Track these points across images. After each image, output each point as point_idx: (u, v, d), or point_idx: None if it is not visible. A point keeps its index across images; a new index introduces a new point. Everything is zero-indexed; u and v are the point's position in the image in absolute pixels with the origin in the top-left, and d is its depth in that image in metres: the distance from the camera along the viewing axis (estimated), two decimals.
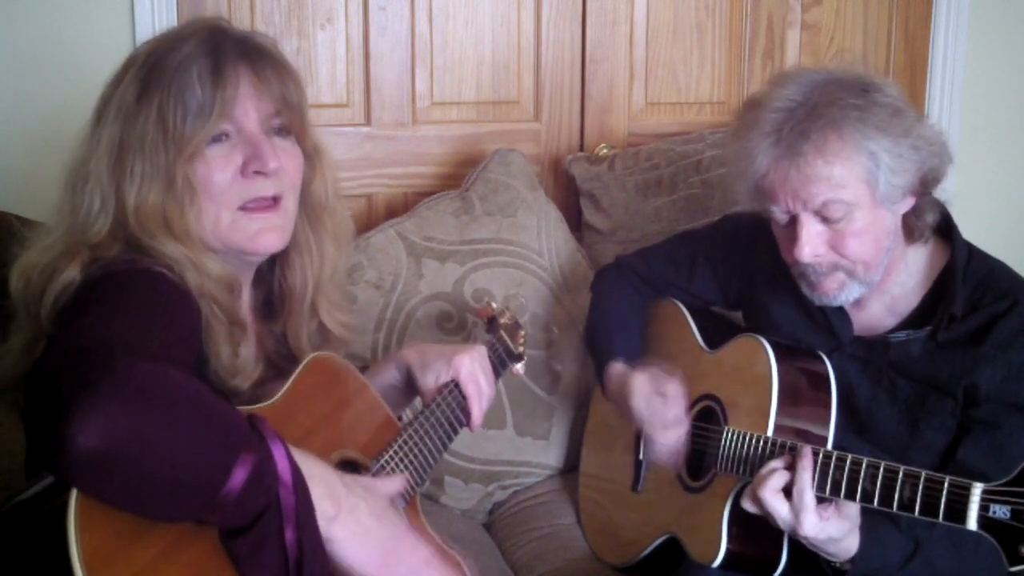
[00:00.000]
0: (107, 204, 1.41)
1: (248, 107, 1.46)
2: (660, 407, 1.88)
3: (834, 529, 1.60)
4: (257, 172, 1.45)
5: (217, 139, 1.44)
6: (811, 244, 1.70)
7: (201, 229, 1.44)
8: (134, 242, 1.41)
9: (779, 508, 1.60)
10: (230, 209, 1.46)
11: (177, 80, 1.41)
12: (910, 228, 1.77)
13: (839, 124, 1.66)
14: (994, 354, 1.71)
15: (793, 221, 1.72)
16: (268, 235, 1.49)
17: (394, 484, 1.46)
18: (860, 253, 1.71)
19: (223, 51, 1.45)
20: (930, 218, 1.76)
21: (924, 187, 1.73)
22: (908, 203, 1.74)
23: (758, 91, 1.82)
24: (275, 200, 1.49)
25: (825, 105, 1.67)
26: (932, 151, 1.70)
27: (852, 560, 1.64)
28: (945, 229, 1.81)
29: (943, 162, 1.73)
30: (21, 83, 2.38)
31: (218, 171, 1.44)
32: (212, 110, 1.42)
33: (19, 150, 2.37)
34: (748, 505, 1.66)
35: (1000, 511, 1.42)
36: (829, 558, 1.66)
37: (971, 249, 1.81)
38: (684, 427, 1.88)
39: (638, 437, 2.04)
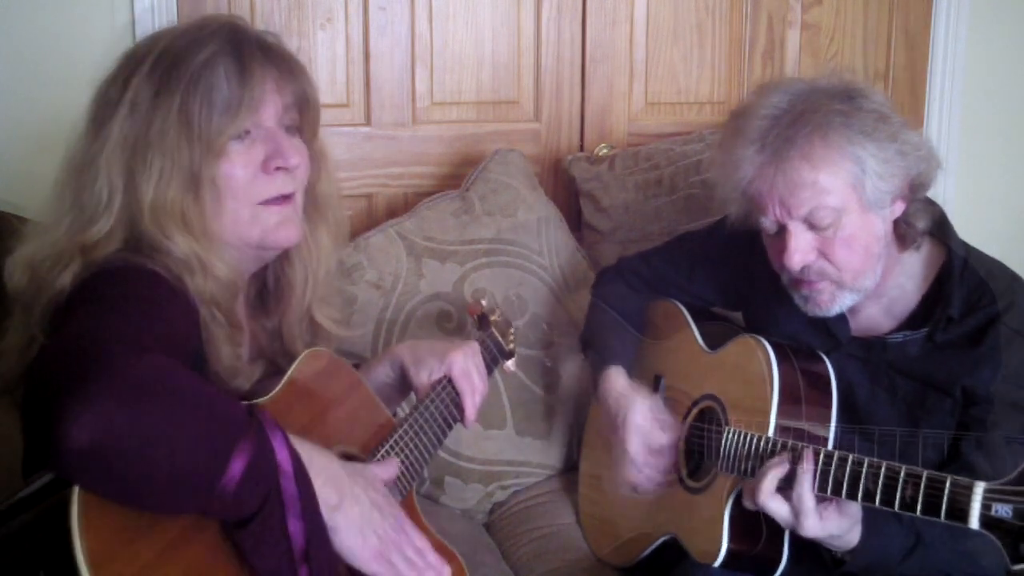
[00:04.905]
0: (114, 200, 1.41)
1: (269, 106, 1.48)
2: (657, 433, 1.91)
3: (834, 527, 1.61)
4: (278, 168, 1.48)
5: (239, 137, 1.46)
6: (800, 252, 1.70)
7: (220, 226, 1.46)
8: (137, 241, 1.41)
9: (779, 510, 1.61)
10: (250, 205, 1.47)
11: (204, 78, 1.42)
12: (901, 235, 1.76)
13: (824, 130, 1.66)
14: (992, 355, 1.71)
15: (782, 230, 1.72)
16: (287, 228, 1.51)
17: (389, 469, 1.47)
18: (849, 261, 1.71)
19: (247, 50, 1.46)
20: (921, 224, 1.76)
21: (913, 192, 1.73)
22: (898, 208, 1.74)
23: (743, 101, 1.83)
24: (289, 197, 1.51)
25: (810, 112, 1.68)
26: (919, 156, 1.71)
27: (852, 551, 1.64)
28: (941, 230, 1.81)
29: (931, 167, 1.74)
30: (20, 83, 2.37)
31: (240, 167, 1.46)
32: (239, 108, 1.43)
33: (18, 150, 2.36)
34: (749, 503, 1.66)
35: (1002, 510, 1.41)
36: (830, 548, 1.66)
37: (968, 250, 1.81)
38: (669, 460, 1.92)
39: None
